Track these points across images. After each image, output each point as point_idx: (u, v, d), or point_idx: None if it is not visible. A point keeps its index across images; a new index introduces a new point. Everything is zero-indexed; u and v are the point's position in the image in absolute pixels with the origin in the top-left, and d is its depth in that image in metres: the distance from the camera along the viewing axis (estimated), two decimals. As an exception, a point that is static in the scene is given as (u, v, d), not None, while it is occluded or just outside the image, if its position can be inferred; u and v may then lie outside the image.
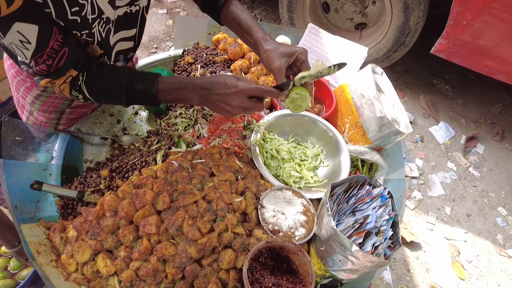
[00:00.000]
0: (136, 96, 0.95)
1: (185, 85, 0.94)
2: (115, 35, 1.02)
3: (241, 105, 0.91)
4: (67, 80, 0.89)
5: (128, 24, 1.04)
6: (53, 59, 0.81)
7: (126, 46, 1.11)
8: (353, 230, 0.89)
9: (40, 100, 1.19)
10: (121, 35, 1.05)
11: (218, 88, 0.91)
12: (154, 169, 0.96)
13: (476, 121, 3.20)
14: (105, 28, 0.92)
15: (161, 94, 0.95)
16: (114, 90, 0.93)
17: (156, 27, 3.66)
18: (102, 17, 0.87)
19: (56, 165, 1.13)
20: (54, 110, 1.22)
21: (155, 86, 0.93)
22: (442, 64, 2.87)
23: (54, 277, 0.87)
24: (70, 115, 1.25)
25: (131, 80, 0.93)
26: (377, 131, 1.13)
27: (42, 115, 1.23)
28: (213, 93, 0.92)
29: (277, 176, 1.10)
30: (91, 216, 0.87)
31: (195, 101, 0.95)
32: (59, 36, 0.79)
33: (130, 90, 0.93)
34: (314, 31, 1.42)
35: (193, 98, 0.94)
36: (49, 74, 0.85)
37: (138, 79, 0.94)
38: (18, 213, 0.93)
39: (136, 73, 0.96)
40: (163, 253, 0.83)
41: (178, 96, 0.96)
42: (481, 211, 2.61)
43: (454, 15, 2.44)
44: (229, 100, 0.91)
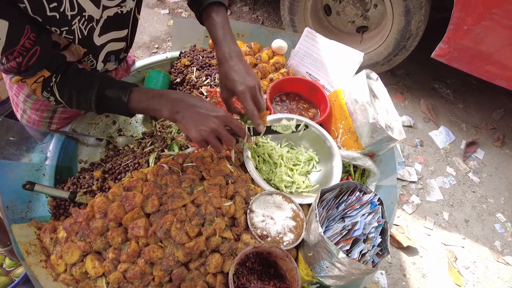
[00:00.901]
0: (106, 104, 0.93)
1: (159, 95, 0.91)
2: (104, 35, 1.02)
3: (217, 129, 0.87)
4: (39, 80, 0.89)
5: (119, 25, 1.04)
6: (23, 57, 0.80)
7: (117, 46, 1.11)
8: (341, 236, 0.89)
9: (32, 98, 1.19)
10: (111, 35, 1.05)
11: (200, 106, 0.89)
12: (145, 172, 0.96)
13: (477, 126, 3.18)
14: (87, 26, 0.91)
15: (133, 103, 0.91)
16: (85, 95, 0.91)
17: (158, 27, 3.68)
18: (83, 15, 0.87)
19: (50, 166, 1.14)
20: (46, 109, 1.22)
21: (127, 96, 0.90)
22: (443, 69, 2.86)
23: (43, 277, 0.87)
24: (63, 114, 1.26)
25: (104, 87, 0.91)
26: (369, 137, 1.12)
27: (34, 114, 1.24)
28: (192, 108, 0.88)
29: (268, 180, 1.10)
30: (81, 218, 0.88)
31: (165, 113, 0.90)
32: (31, 34, 0.78)
33: (101, 96, 0.91)
34: (311, 35, 1.42)
35: (164, 110, 0.90)
36: (20, 72, 0.85)
37: (111, 86, 0.92)
38: (9, 213, 0.94)
39: (110, 81, 0.94)
40: (150, 256, 0.83)
41: (150, 106, 0.92)
42: (480, 217, 2.60)
43: (455, 20, 2.43)
44: (208, 121, 0.87)
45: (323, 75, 1.40)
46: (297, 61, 1.47)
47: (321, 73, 1.41)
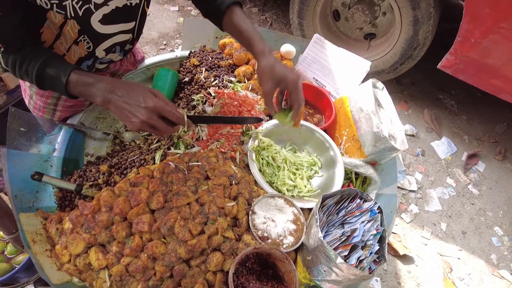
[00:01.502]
0: (46, 81, 0.93)
1: (93, 82, 0.90)
2: (112, 25, 1.04)
3: (149, 121, 0.87)
4: None
5: (127, 17, 1.06)
6: None
7: (124, 38, 1.13)
8: (340, 242, 0.91)
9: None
10: (120, 27, 1.07)
11: (130, 97, 0.87)
12: (151, 169, 0.98)
13: (479, 138, 3.19)
14: (83, 7, 0.92)
15: (71, 85, 0.91)
16: (27, 69, 0.92)
17: (167, 24, 3.70)
18: None
19: (57, 157, 1.16)
20: (50, 95, 1.24)
21: (66, 76, 0.90)
22: (449, 79, 2.88)
23: (48, 266, 0.90)
24: (67, 102, 1.27)
25: (46, 64, 0.91)
26: (372, 145, 1.14)
27: (39, 99, 1.26)
28: (122, 100, 0.87)
29: (271, 183, 1.12)
30: (87, 210, 0.90)
31: (99, 100, 0.90)
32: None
33: (42, 73, 0.91)
34: (319, 41, 1.44)
35: (97, 97, 0.89)
36: None
37: (53, 65, 0.92)
38: (18, 202, 0.96)
39: (54, 60, 0.93)
40: (153, 251, 0.85)
41: (85, 91, 0.91)
42: (477, 230, 2.61)
43: (463, 32, 2.45)
44: (137, 113, 0.86)
45: (330, 81, 1.42)
46: (304, 66, 1.48)
47: (328, 80, 1.43)
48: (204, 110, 1.27)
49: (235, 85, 1.34)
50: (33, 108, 1.30)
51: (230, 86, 1.34)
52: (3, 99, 2.15)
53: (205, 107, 1.27)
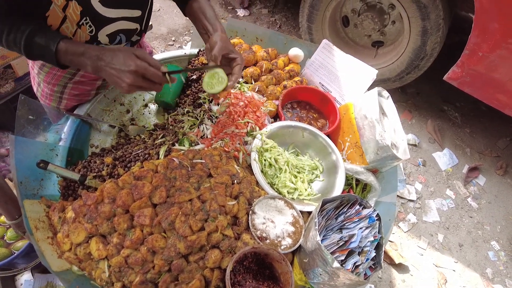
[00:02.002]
0: (35, 50, 0.94)
1: (83, 52, 0.93)
2: (115, 9, 1.06)
3: (135, 83, 0.92)
4: None
5: (130, 2, 1.08)
6: None
7: (129, 26, 1.15)
8: (337, 247, 0.92)
9: (44, 70, 1.23)
10: (123, 13, 1.09)
11: (115, 63, 0.91)
12: (155, 164, 1.00)
13: (481, 152, 3.20)
14: None
15: (61, 54, 0.93)
16: (14, 37, 0.92)
17: (176, 20, 3.72)
18: None
19: (63, 147, 1.18)
20: (57, 83, 1.26)
21: (55, 45, 0.91)
22: (454, 91, 2.88)
23: (49, 253, 0.91)
24: (73, 91, 1.29)
25: (34, 32, 0.92)
26: (375, 153, 1.15)
27: (47, 87, 1.28)
28: (108, 66, 0.91)
29: (272, 184, 1.13)
30: (90, 201, 0.92)
31: (90, 68, 0.94)
32: None
33: (31, 42, 0.92)
34: (328, 47, 1.45)
35: (88, 66, 0.93)
36: None
37: (42, 33, 0.93)
38: (23, 189, 0.98)
39: (43, 28, 0.95)
40: (153, 244, 0.87)
41: (75, 60, 0.94)
42: (474, 243, 2.61)
43: (471, 45, 2.45)
44: (123, 77, 0.91)
45: (336, 87, 1.43)
46: (311, 70, 1.50)
47: (334, 85, 1.44)
48: (210, 108, 1.28)
49: (242, 86, 1.36)
50: (41, 96, 1.31)
51: (237, 86, 1.36)
52: (11, 86, 2.17)
53: (211, 106, 1.29)
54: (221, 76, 1.04)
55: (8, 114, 2.24)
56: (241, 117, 1.21)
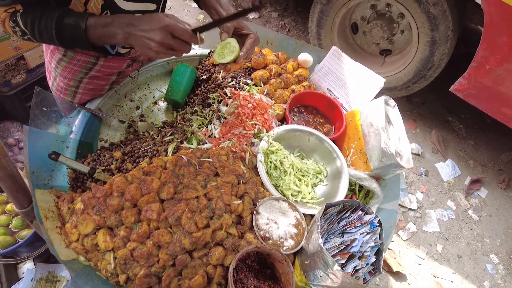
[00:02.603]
0: (66, 31, 0.96)
1: (111, 21, 0.94)
2: (132, 3, 1.08)
3: (165, 41, 0.92)
4: (9, 10, 0.94)
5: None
6: None
7: None
8: (338, 250, 0.94)
9: (61, 65, 1.26)
10: (139, 6, 1.11)
11: (144, 23, 0.92)
12: (164, 160, 1.02)
13: (484, 165, 3.20)
14: None
15: (91, 30, 0.95)
16: (45, 23, 0.95)
17: (187, 20, 3.75)
18: None
19: (73, 139, 1.21)
20: (73, 78, 1.28)
21: (84, 22, 0.93)
22: (459, 103, 2.90)
23: (57, 242, 0.94)
24: (88, 85, 1.31)
25: (63, 15, 0.94)
26: (379, 160, 1.17)
27: (62, 81, 1.30)
28: (138, 28, 0.92)
29: (277, 186, 1.15)
30: (100, 193, 0.94)
31: (120, 37, 0.95)
32: None
33: (61, 24, 0.94)
34: (337, 54, 1.47)
35: (118, 34, 0.94)
36: None
37: (70, 15, 0.95)
38: (34, 178, 1.00)
39: (70, 11, 0.97)
40: (159, 239, 0.89)
41: (105, 32, 0.95)
42: (473, 255, 2.62)
43: (479, 58, 2.47)
44: (153, 36, 0.91)
45: (343, 93, 1.45)
46: (320, 76, 1.52)
47: (341, 92, 1.46)
48: (219, 109, 1.31)
49: (251, 88, 1.38)
50: (56, 90, 1.34)
51: (246, 88, 1.38)
52: (23, 77, 2.21)
53: (220, 106, 1.31)
54: (233, 46, 1.04)
55: (18, 104, 2.28)
56: (249, 118, 1.24)
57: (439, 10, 2.52)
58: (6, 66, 2.04)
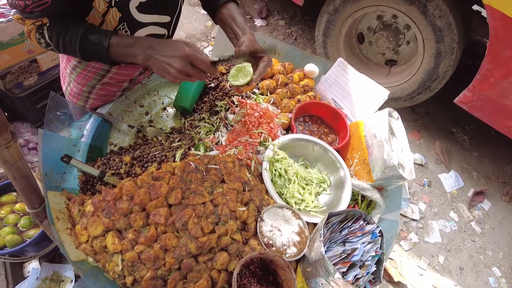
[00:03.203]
0: (89, 47, 1.00)
1: (133, 43, 1.00)
2: (147, 15, 1.12)
3: (184, 69, 0.97)
4: (36, 23, 0.99)
5: (161, 8, 1.15)
6: (33, 2, 0.91)
7: (158, 31, 1.22)
8: (340, 259, 0.96)
9: (76, 71, 1.30)
10: (154, 18, 1.16)
11: (165, 49, 0.97)
12: (173, 166, 1.05)
13: (488, 177, 3.20)
14: None
15: (112, 48, 1.00)
16: (70, 38, 0.99)
17: (196, 26, 3.82)
18: None
19: (84, 143, 1.24)
20: (86, 84, 1.33)
21: (107, 40, 0.98)
22: (464, 114, 2.91)
23: (67, 243, 0.97)
24: (100, 91, 1.36)
25: (87, 31, 0.99)
26: (382, 171, 1.19)
27: (76, 87, 1.35)
28: (159, 53, 0.97)
29: (280, 194, 1.18)
30: (110, 197, 0.97)
31: (140, 58, 0.99)
32: None
33: (85, 40, 0.99)
34: (342, 65, 1.50)
35: (139, 56, 0.99)
36: (23, 11, 0.95)
37: (94, 31, 1.00)
38: (47, 180, 1.04)
39: (94, 28, 1.03)
40: (166, 243, 0.92)
41: (126, 52, 1.00)
42: (475, 267, 2.61)
43: (484, 71, 2.49)
44: (173, 63, 0.96)
45: (348, 104, 1.48)
46: (325, 87, 1.55)
47: (346, 102, 1.49)
48: (226, 117, 1.34)
49: (257, 97, 1.41)
50: (69, 94, 1.38)
51: (253, 97, 1.41)
52: (35, 79, 2.26)
53: (227, 114, 1.35)
54: (248, 70, 1.09)
55: (29, 105, 2.34)
56: (255, 127, 1.27)
57: (444, 22, 2.55)
58: (19, 69, 2.09)
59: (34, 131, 2.42)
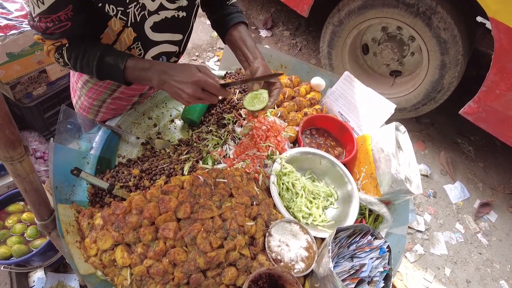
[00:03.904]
0: (105, 69, 1.04)
1: (149, 67, 1.03)
2: (160, 34, 1.15)
3: (195, 95, 1.01)
4: (56, 44, 1.02)
5: (174, 27, 1.18)
6: (54, 25, 0.95)
7: (170, 49, 1.24)
8: (348, 275, 0.96)
9: (87, 85, 1.33)
10: (167, 37, 1.19)
11: (178, 74, 1.01)
12: (182, 180, 1.06)
13: (494, 188, 3.18)
14: (140, 13, 1.05)
15: (128, 71, 1.04)
16: (88, 60, 1.03)
17: (201, 36, 3.86)
18: (138, 2, 1.01)
19: (93, 155, 1.26)
20: (97, 98, 1.35)
21: (124, 63, 1.02)
22: (469, 125, 2.91)
23: (77, 256, 0.97)
24: (111, 105, 1.38)
25: (104, 54, 1.03)
26: (389, 186, 1.20)
27: (87, 101, 1.37)
28: (172, 79, 1.01)
29: (288, 208, 1.18)
30: (119, 211, 0.98)
31: (155, 82, 1.04)
32: (70, 13, 0.93)
33: (102, 62, 1.03)
34: (349, 79, 1.52)
35: (154, 80, 1.03)
36: (44, 33, 0.98)
37: (111, 54, 1.04)
38: (57, 193, 1.05)
39: (112, 50, 1.06)
40: (175, 257, 0.92)
41: (142, 76, 1.04)
42: (482, 280, 2.58)
43: (489, 82, 2.50)
44: (185, 88, 1.00)
45: (354, 118, 1.49)
46: (331, 100, 1.56)
47: (352, 116, 1.50)
48: (234, 129, 1.35)
49: (265, 110, 1.42)
50: (79, 108, 1.40)
51: (260, 110, 1.42)
52: (43, 89, 2.29)
53: (235, 127, 1.36)
54: (264, 97, 1.12)
55: (38, 115, 2.36)
56: (263, 140, 1.28)
57: (449, 34, 2.57)
58: (29, 79, 2.12)
59: (41, 140, 2.44)
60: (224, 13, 1.30)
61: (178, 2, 1.09)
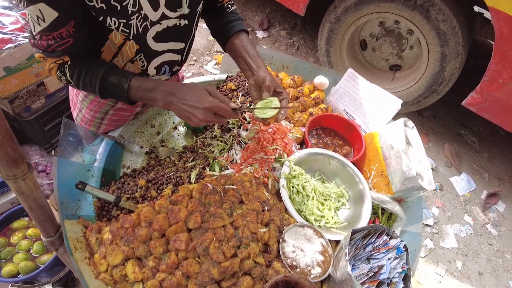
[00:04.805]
0: (109, 88, 1.01)
1: (154, 87, 1.00)
2: (162, 43, 1.12)
3: (206, 119, 0.99)
4: (58, 62, 0.99)
5: (176, 36, 1.15)
6: (56, 42, 0.92)
7: (172, 58, 1.21)
8: (367, 278, 0.93)
9: (89, 98, 1.30)
10: (169, 46, 1.16)
11: (188, 99, 0.98)
12: (190, 188, 1.04)
13: (500, 178, 3.16)
14: (142, 24, 1.01)
15: (132, 91, 1.01)
16: (91, 79, 1.00)
17: (198, 41, 3.84)
18: (140, 13, 0.98)
19: (98, 168, 1.23)
20: (99, 110, 1.32)
21: (127, 83, 0.99)
22: (471, 115, 2.89)
23: (87, 273, 0.94)
24: (113, 117, 1.35)
25: (108, 73, 1.00)
26: (401, 183, 1.17)
27: (88, 113, 1.34)
28: (181, 101, 0.98)
29: (299, 211, 1.15)
30: (128, 224, 0.95)
31: (161, 103, 1.01)
32: (71, 29, 0.90)
33: (105, 81, 1.00)
34: (353, 76, 1.49)
35: (160, 101, 1.00)
36: (45, 51, 0.95)
37: (114, 73, 1.01)
38: (63, 209, 1.02)
39: (115, 69, 1.03)
40: (188, 269, 0.89)
41: (147, 96, 1.01)
42: (494, 272, 2.55)
43: (491, 72, 2.47)
44: (195, 113, 0.98)
45: (360, 115, 1.46)
46: (336, 98, 1.54)
47: (358, 113, 1.47)
48: (239, 134, 1.32)
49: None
50: (80, 121, 1.38)
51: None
52: (42, 102, 2.27)
53: (240, 131, 1.33)
54: (275, 104, 1.10)
55: (37, 128, 2.34)
56: (269, 143, 1.25)
57: (448, 26, 2.54)
58: (27, 93, 2.10)
59: (43, 153, 2.41)
60: (224, 21, 1.27)
61: (180, 11, 1.06)
